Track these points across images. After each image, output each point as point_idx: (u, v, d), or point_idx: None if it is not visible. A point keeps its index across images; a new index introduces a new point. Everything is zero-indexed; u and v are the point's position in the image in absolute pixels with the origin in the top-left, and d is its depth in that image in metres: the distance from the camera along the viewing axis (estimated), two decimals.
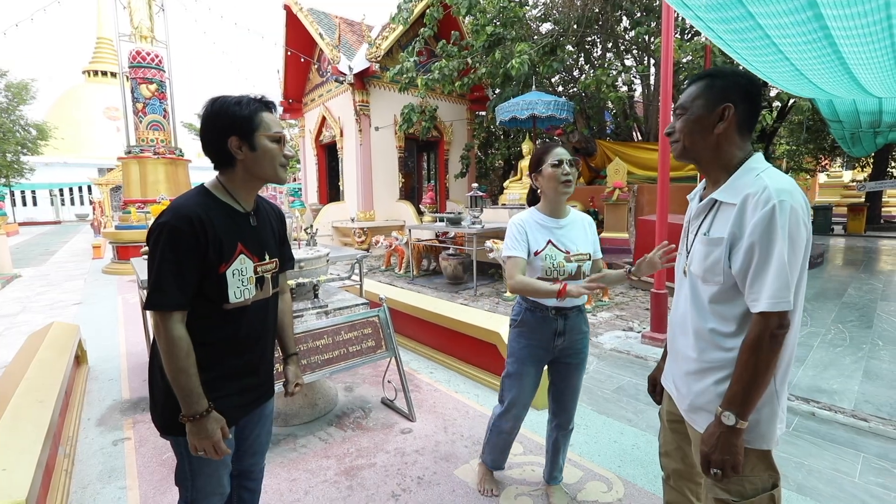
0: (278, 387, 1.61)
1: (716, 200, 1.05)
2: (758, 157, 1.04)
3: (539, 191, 1.70)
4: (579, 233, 1.69)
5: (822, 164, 18.79)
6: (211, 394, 1.14)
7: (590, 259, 1.68)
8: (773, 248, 0.92)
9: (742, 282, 0.99)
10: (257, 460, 1.44)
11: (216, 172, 1.19)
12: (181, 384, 1.08)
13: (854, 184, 18.08)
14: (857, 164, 17.19)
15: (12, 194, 25.01)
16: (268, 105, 1.19)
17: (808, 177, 22.15)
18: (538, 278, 1.63)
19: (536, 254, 1.63)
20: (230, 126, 1.12)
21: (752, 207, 0.95)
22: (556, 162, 1.61)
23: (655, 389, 1.41)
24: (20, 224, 23.54)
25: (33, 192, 26.98)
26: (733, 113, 1.02)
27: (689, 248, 1.14)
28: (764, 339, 0.94)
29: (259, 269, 1.21)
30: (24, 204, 27.10)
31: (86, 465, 2.22)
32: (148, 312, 1.04)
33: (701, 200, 1.15)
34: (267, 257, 1.24)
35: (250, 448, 1.40)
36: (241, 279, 1.16)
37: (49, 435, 1.80)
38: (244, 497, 1.47)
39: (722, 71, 1.05)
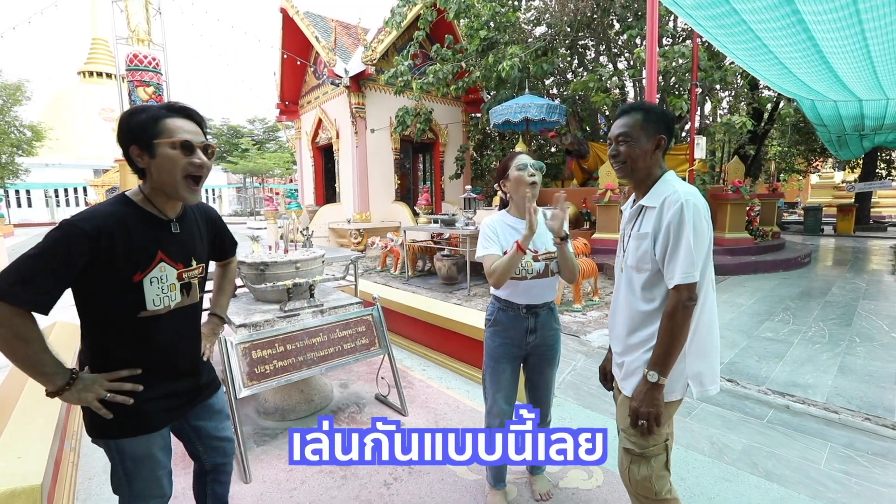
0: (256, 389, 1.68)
1: (643, 206, 1.34)
2: (671, 173, 1.34)
3: (507, 196, 1.81)
4: (547, 232, 1.75)
5: (814, 165, 19.03)
6: (136, 399, 1.15)
7: (556, 257, 1.75)
8: (682, 234, 1.20)
9: (662, 265, 1.26)
10: (218, 457, 1.45)
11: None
12: (37, 371, 1.05)
13: (844, 184, 18.32)
14: (847, 166, 17.44)
15: (7, 194, 24.92)
16: (177, 110, 1.14)
17: (801, 178, 22.40)
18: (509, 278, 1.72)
19: (505, 254, 1.72)
20: (129, 134, 1.11)
21: (667, 206, 1.24)
22: (521, 165, 1.72)
23: (607, 377, 1.63)
24: (15, 226, 23.46)
25: (28, 192, 26.88)
26: (664, 142, 1.32)
27: (625, 247, 1.39)
28: (678, 309, 1.20)
29: (185, 275, 1.21)
30: (19, 205, 26.98)
31: (91, 458, 2.31)
32: None
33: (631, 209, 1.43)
34: (193, 263, 1.24)
35: (207, 444, 1.42)
36: (161, 286, 1.15)
37: (58, 428, 1.89)
38: (217, 490, 1.52)
39: (651, 107, 1.32)
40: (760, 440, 2.40)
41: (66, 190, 28.36)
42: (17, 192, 26.37)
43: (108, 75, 30.46)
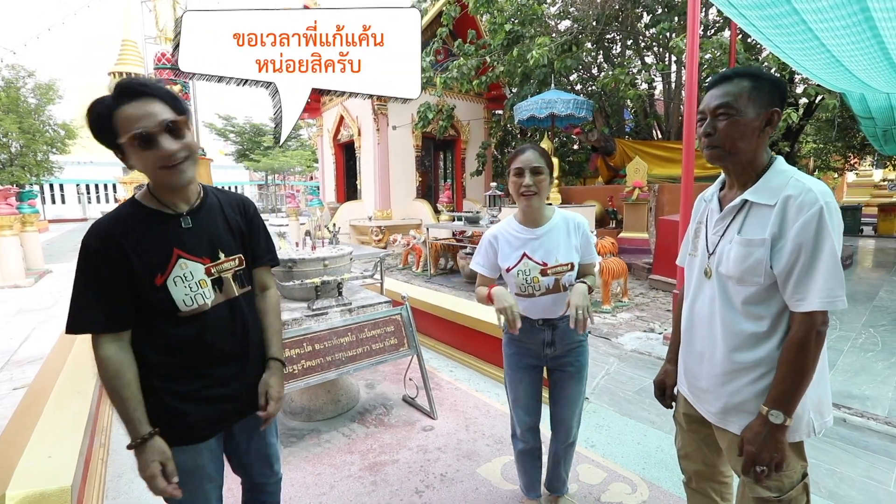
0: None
1: (748, 201, 1.06)
2: (782, 160, 1.08)
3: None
4: (559, 241, 1.55)
5: (852, 162, 18.16)
6: (182, 406, 1.09)
7: (572, 269, 1.54)
8: (822, 248, 0.94)
9: (784, 282, 1.00)
10: (266, 472, 1.34)
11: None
12: (116, 408, 1.02)
13: (885, 183, 17.41)
14: (888, 163, 16.57)
15: (42, 190, 25.87)
16: (127, 93, 0.98)
17: (836, 176, 21.43)
18: (515, 294, 1.58)
19: (508, 270, 1.57)
20: (100, 139, 1.01)
21: (795, 209, 0.97)
22: (518, 170, 1.49)
23: (664, 394, 1.39)
24: (49, 221, 24.35)
25: (62, 187, 27.93)
26: (778, 117, 1.04)
27: (711, 249, 1.14)
28: (811, 338, 0.97)
29: (213, 269, 1.11)
30: (53, 202, 28.04)
31: (120, 455, 2.30)
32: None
33: (721, 202, 1.16)
34: (221, 255, 1.14)
35: (255, 459, 1.31)
36: (188, 285, 1.07)
37: (88, 425, 1.87)
38: None
39: (761, 72, 1.06)
40: (819, 456, 2.22)
41: (97, 186, 29.35)
42: (51, 188, 27.41)
43: (137, 75, 31.30)
